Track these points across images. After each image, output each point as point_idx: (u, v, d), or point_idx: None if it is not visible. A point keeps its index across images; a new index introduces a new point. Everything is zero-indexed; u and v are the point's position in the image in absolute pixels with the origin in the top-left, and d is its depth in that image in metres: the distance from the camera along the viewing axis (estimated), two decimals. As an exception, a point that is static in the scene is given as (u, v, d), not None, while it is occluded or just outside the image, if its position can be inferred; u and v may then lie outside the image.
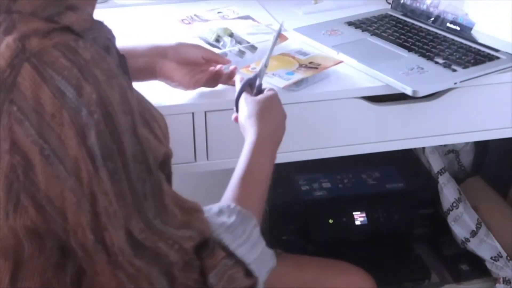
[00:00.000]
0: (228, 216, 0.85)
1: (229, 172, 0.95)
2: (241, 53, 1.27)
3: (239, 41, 1.29)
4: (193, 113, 1.18)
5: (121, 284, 0.75)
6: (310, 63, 1.23)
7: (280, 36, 1.31)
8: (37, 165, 0.69)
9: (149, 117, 0.83)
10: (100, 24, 0.80)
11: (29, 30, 0.70)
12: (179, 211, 0.80)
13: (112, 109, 0.71)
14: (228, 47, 1.27)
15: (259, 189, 0.92)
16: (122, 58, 0.82)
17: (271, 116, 1.00)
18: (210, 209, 0.86)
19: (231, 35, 1.30)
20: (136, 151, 0.74)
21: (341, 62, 1.25)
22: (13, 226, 0.73)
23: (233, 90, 1.17)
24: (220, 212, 0.86)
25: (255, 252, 0.84)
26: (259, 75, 1.07)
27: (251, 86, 1.07)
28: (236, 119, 1.04)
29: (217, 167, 1.23)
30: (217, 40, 1.29)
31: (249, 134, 0.97)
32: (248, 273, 0.83)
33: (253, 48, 1.29)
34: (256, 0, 1.65)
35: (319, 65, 1.23)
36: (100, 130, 0.70)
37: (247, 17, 1.44)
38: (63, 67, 0.69)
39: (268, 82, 1.18)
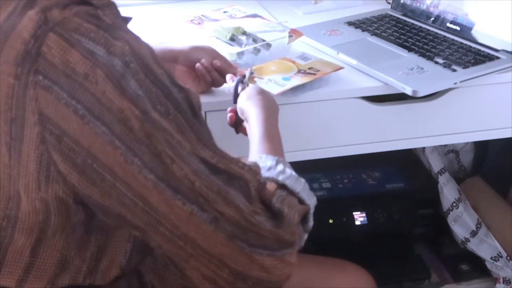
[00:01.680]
0: (263, 163, 0.88)
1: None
2: (256, 51, 1.27)
3: (254, 39, 1.29)
4: (193, 113, 1.18)
5: (192, 216, 0.73)
6: (310, 68, 1.22)
7: (295, 32, 1.34)
8: (73, 127, 0.70)
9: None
10: (115, 4, 0.81)
11: (49, 4, 0.72)
12: None
13: (147, 60, 0.73)
14: (245, 46, 1.27)
15: (279, 146, 0.96)
16: None
17: (265, 94, 1.07)
18: None
19: (244, 33, 1.30)
20: (181, 97, 0.75)
21: (341, 68, 1.24)
22: (45, 198, 0.74)
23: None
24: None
25: (300, 184, 0.86)
26: (245, 77, 1.14)
27: (242, 83, 1.13)
28: (232, 118, 1.09)
29: (217, 167, 1.23)
30: (232, 39, 1.29)
31: (254, 109, 1.02)
32: (300, 201, 0.85)
33: (268, 45, 1.29)
34: (256, 0, 1.65)
35: (318, 71, 1.22)
36: (140, 78, 0.71)
37: (255, 16, 1.44)
38: (88, 30, 0.71)
39: (263, 88, 1.18)
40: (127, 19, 0.82)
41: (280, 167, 0.87)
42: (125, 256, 0.85)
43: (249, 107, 1.03)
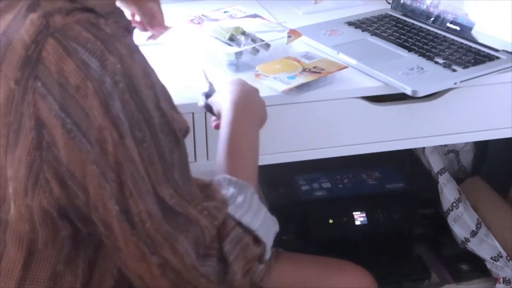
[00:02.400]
0: (226, 189, 0.86)
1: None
2: (255, 51, 1.27)
3: (253, 39, 1.29)
4: (193, 113, 1.17)
5: (144, 256, 0.74)
6: (314, 67, 1.23)
7: (294, 33, 1.33)
8: (59, 140, 0.70)
9: (168, 94, 0.83)
10: (121, 10, 0.81)
11: (52, 9, 0.72)
12: (198, 187, 0.81)
13: (136, 81, 0.73)
14: (244, 46, 1.27)
15: (247, 158, 0.92)
16: None
17: (239, 87, 1.01)
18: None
19: (243, 33, 1.30)
20: (162, 122, 0.75)
21: (345, 67, 1.25)
22: (30, 205, 0.74)
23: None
24: (219, 185, 0.87)
25: (259, 219, 0.85)
26: (211, 87, 1.09)
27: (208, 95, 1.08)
28: (216, 126, 1.04)
29: (217, 167, 1.23)
30: (231, 39, 1.29)
31: (223, 105, 0.97)
32: (256, 240, 0.84)
33: (267, 46, 1.29)
34: (256, 0, 1.65)
35: (323, 69, 1.22)
36: (125, 99, 0.71)
37: (255, 16, 1.45)
38: (86, 40, 0.71)
39: (269, 86, 1.18)
40: (129, 29, 0.82)
41: (240, 199, 0.84)
42: (115, 266, 0.85)
43: (221, 104, 0.99)
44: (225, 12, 1.47)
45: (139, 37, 0.97)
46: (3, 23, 0.74)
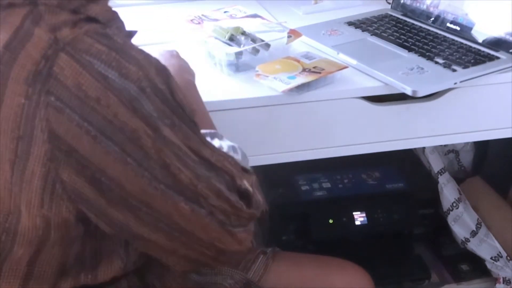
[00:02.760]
0: None
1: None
2: (255, 51, 1.27)
3: (253, 39, 1.29)
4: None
5: (194, 213, 0.78)
6: (314, 67, 1.23)
7: (294, 33, 1.33)
8: (84, 146, 0.71)
9: (179, 86, 0.85)
10: (118, 15, 0.82)
11: (58, 22, 0.72)
12: None
13: (155, 81, 0.75)
14: (244, 46, 1.27)
15: (202, 122, 0.98)
16: None
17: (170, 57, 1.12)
18: None
19: (243, 33, 1.30)
20: (180, 111, 0.78)
21: (345, 67, 1.25)
22: (47, 216, 0.74)
23: (234, 91, 1.18)
24: None
25: (239, 154, 0.92)
26: None
27: None
28: None
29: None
30: (231, 39, 1.29)
31: None
32: (247, 171, 0.89)
33: (267, 46, 1.28)
34: (256, 0, 1.65)
35: (323, 69, 1.22)
36: (152, 99, 0.74)
37: (255, 16, 1.44)
38: (100, 52, 0.71)
39: (268, 86, 1.18)
40: (132, 34, 0.82)
41: (216, 142, 0.90)
42: (120, 244, 0.86)
43: None
44: (225, 12, 1.46)
45: (139, 37, 0.97)
46: (3, 35, 0.73)
